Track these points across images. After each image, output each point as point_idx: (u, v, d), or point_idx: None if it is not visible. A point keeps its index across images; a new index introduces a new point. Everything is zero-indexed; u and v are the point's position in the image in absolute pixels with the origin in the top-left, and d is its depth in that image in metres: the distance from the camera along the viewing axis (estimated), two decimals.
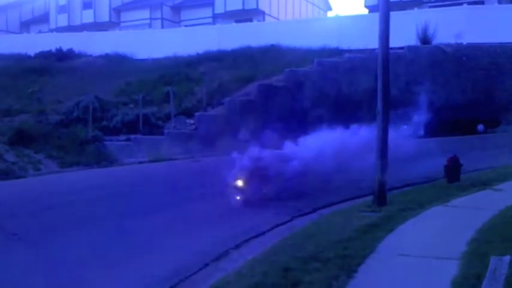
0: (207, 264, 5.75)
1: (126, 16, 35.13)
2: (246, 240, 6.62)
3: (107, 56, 25.97)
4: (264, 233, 6.99)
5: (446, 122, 15.52)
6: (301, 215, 7.92)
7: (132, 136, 17.24)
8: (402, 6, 23.74)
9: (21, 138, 15.78)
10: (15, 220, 8.12)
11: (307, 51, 20.96)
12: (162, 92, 20.12)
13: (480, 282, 4.18)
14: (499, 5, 23.33)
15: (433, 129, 11.79)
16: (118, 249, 6.46)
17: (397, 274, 4.73)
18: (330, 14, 38.99)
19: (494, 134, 16.36)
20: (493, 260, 4.57)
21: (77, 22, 35.56)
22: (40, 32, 35.56)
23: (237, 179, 8.77)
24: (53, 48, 27.05)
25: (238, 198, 8.64)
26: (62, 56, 26.45)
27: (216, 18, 32.34)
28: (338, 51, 20.45)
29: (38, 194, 10.65)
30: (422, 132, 11.12)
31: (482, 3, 24.22)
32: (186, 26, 30.89)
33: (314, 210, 8.17)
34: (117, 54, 25.94)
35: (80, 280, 5.43)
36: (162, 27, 32.81)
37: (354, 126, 10.33)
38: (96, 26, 34.16)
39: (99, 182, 12.10)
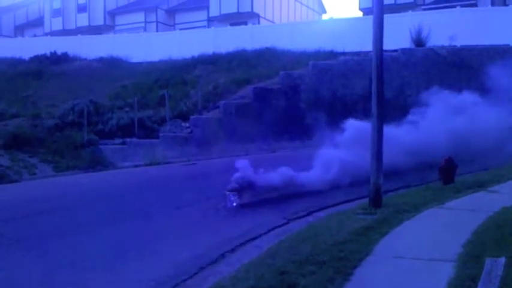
0: (202, 268, 5.73)
1: (120, 19, 35.08)
2: (242, 244, 6.61)
3: (101, 60, 25.93)
4: (260, 236, 6.98)
5: None
6: (297, 218, 7.92)
7: (128, 140, 17.21)
8: (396, 9, 23.87)
9: (16, 142, 15.72)
10: (8, 225, 8.08)
11: (302, 54, 21.01)
12: (157, 96, 20.11)
13: (476, 284, 4.19)
14: (492, 7, 23.46)
15: None
16: (113, 254, 6.44)
17: (393, 276, 4.74)
18: (324, 16, 39.14)
19: None
20: (488, 262, 4.60)
21: (72, 26, 35.48)
22: (35, 35, 35.49)
23: (234, 182, 8.78)
24: (48, 52, 26.98)
25: (234, 201, 8.63)
26: (57, 59, 26.39)
27: (211, 21, 32.36)
28: (333, 54, 20.51)
29: (32, 198, 10.59)
30: None
31: (476, 5, 24.35)
32: (181, 29, 30.89)
33: (310, 213, 8.17)
34: (112, 57, 25.92)
35: (76, 284, 5.40)
36: (157, 30, 32.82)
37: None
38: (91, 30, 34.10)
39: (94, 186, 12.06)
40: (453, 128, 10.83)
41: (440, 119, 11.20)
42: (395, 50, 18.49)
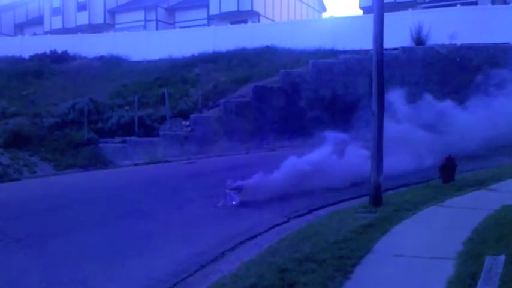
0: (203, 266, 5.73)
1: (120, 18, 35.06)
2: (242, 242, 6.61)
3: (102, 58, 25.93)
4: (260, 234, 6.98)
5: None
6: (297, 216, 7.93)
7: (128, 138, 17.21)
8: (396, 8, 23.84)
9: (16, 141, 15.76)
10: (9, 223, 8.09)
11: (302, 52, 21.01)
12: (157, 94, 20.11)
13: (476, 282, 4.20)
14: (492, 6, 23.45)
15: None
16: (114, 252, 6.44)
17: (393, 274, 4.75)
18: (324, 15, 39.12)
19: None
20: (488, 260, 4.60)
21: (72, 24, 35.47)
22: (34, 34, 35.41)
23: (235, 182, 8.79)
24: (48, 51, 27.00)
25: (234, 199, 8.64)
26: (57, 58, 26.41)
27: (210, 19, 32.33)
28: (333, 53, 20.51)
29: (32, 196, 10.59)
30: None
31: (476, 3, 24.33)
32: (180, 27, 30.85)
33: (310, 211, 8.18)
34: (112, 56, 25.92)
35: (77, 282, 5.41)
36: (157, 29, 32.80)
37: None
38: (91, 28, 34.09)
39: (94, 184, 12.07)
40: None
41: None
42: (396, 49, 18.49)
